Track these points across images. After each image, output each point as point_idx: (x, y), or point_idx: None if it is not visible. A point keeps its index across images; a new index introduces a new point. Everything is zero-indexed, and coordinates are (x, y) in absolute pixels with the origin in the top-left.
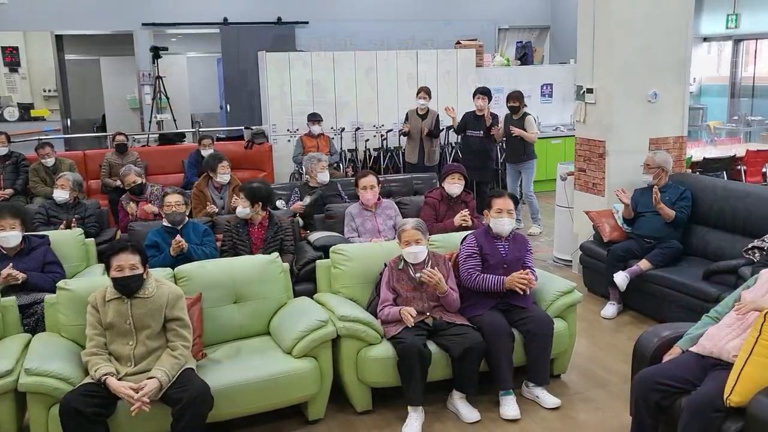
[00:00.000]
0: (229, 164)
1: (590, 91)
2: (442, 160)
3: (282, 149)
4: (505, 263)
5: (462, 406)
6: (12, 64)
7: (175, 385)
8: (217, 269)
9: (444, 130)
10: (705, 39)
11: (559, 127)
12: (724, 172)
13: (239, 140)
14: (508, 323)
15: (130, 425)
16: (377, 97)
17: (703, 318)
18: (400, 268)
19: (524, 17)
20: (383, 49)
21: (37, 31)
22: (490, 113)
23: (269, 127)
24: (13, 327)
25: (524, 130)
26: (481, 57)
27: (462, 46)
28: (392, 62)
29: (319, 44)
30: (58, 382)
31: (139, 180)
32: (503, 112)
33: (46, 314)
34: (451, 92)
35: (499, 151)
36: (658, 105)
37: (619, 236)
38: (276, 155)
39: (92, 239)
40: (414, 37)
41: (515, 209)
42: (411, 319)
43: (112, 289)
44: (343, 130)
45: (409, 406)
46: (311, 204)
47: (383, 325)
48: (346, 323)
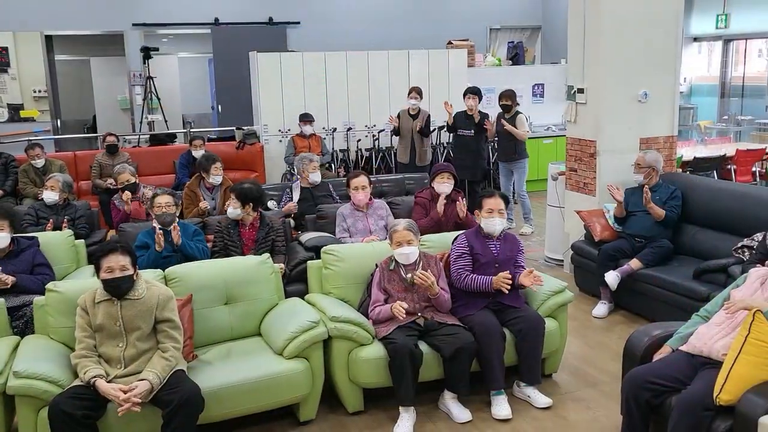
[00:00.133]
0: (222, 166)
1: (581, 90)
2: (434, 159)
3: (273, 149)
4: (496, 263)
5: (453, 406)
6: (1, 65)
7: (165, 387)
8: (207, 270)
9: (436, 129)
10: (695, 39)
11: (551, 127)
12: (714, 172)
13: (231, 141)
14: (499, 323)
15: (119, 428)
16: (369, 98)
17: (693, 317)
18: (392, 269)
19: (516, 17)
20: (375, 49)
21: (26, 31)
22: (479, 111)
23: (261, 127)
24: (2, 329)
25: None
26: (473, 57)
27: (453, 47)
28: (384, 62)
29: (311, 44)
30: (47, 384)
31: (132, 179)
32: (495, 112)
33: (35, 316)
34: (442, 92)
35: (491, 150)
36: (649, 105)
37: (610, 236)
38: (267, 155)
39: (82, 240)
40: (406, 38)
41: (506, 209)
42: (402, 312)
43: (102, 291)
44: (335, 130)
45: (400, 407)
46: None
47: (374, 326)
48: (337, 324)
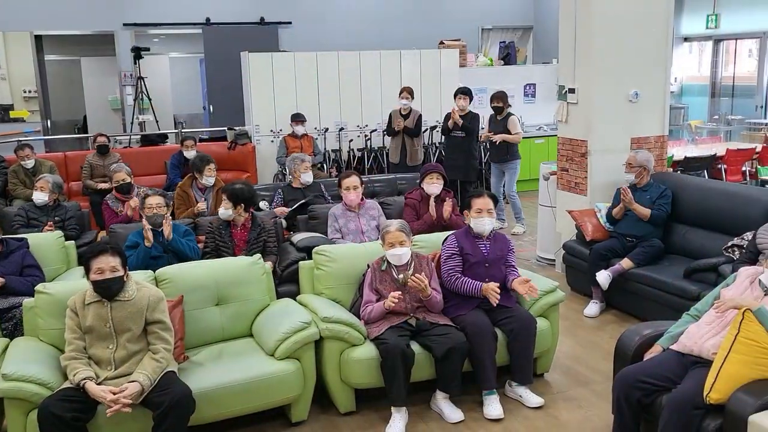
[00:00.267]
0: (215, 167)
1: (572, 90)
2: (426, 159)
3: (265, 150)
4: (486, 262)
5: (445, 406)
6: None
7: (156, 389)
8: (199, 271)
9: (428, 129)
10: (686, 39)
11: (543, 127)
12: (705, 171)
13: (222, 141)
14: (491, 323)
15: (110, 430)
16: (361, 98)
17: (683, 316)
18: (383, 270)
19: (507, 17)
20: (367, 49)
21: (16, 31)
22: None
23: (252, 127)
24: None
25: (508, 131)
26: (465, 57)
27: (445, 46)
28: (376, 62)
29: (303, 44)
30: (36, 387)
31: (128, 179)
32: (487, 113)
33: (24, 318)
34: (434, 92)
35: (482, 150)
36: (640, 104)
37: (602, 235)
38: (259, 156)
39: (72, 242)
40: (397, 38)
41: (495, 208)
42: (395, 299)
43: (92, 292)
44: (327, 130)
45: (392, 407)
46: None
47: (366, 326)
48: (329, 324)
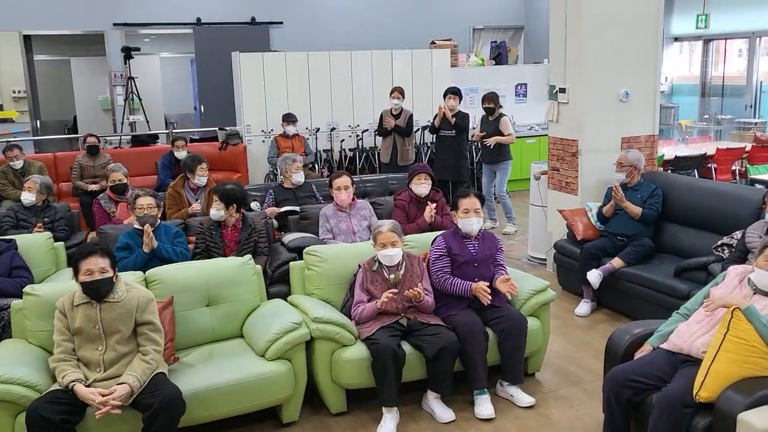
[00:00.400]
0: (207, 167)
1: (563, 90)
2: (417, 159)
3: (256, 150)
4: (475, 262)
5: (437, 406)
6: None
7: (145, 391)
8: (189, 272)
9: (419, 129)
10: (676, 39)
11: (534, 127)
12: (695, 171)
13: (213, 141)
14: (482, 322)
15: None
16: (352, 98)
17: (673, 315)
18: (375, 270)
19: (499, 17)
20: (358, 49)
21: (4, 31)
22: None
23: (243, 127)
24: None
25: (500, 132)
26: (456, 57)
27: (437, 46)
28: (367, 62)
29: (294, 44)
30: (24, 389)
31: (124, 180)
32: (478, 113)
33: (12, 320)
34: (425, 92)
35: (474, 150)
36: (630, 104)
37: (593, 234)
38: (250, 156)
39: (62, 243)
40: (389, 38)
41: (483, 207)
42: (390, 296)
43: (81, 294)
44: (318, 130)
45: (383, 407)
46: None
47: (357, 327)
48: (319, 325)
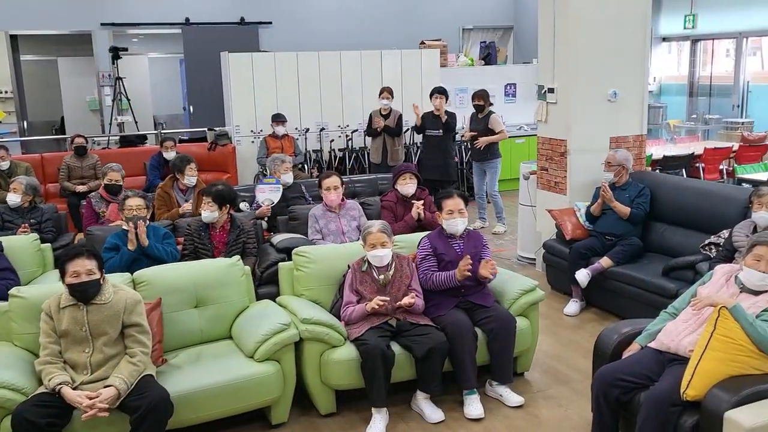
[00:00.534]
0: (196, 167)
1: (551, 90)
2: (407, 159)
3: (246, 150)
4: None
5: (426, 406)
6: None
7: (133, 393)
8: (177, 273)
9: (408, 129)
10: (664, 39)
11: (523, 127)
12: (683, 170)
13: (202, 142)
14: (471, 322)
15: None
16: (342, 98)
17: (661, 314)
18: (364, 270)
19: (488, 17)
20: (347, 49)
21: None
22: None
23: (233, 128)
24: None
25: (490, 129)
26: (446, 57)
27: (426, 46)
28: (356, 62)
29: (283, 44)
30: (10, 392)
31: (120, 181)
32: (468, 112)
33: None
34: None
35: (464, 149)
36: (619, 104)
37: (581, 234)
38: (239, 156)
39: (49, 244)
40: (378, 38)
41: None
42: (381, 303)
43: (68, 296)
44: (308, 130)
45: (373, 408)
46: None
47: (346, 327)
48: (308, 326)
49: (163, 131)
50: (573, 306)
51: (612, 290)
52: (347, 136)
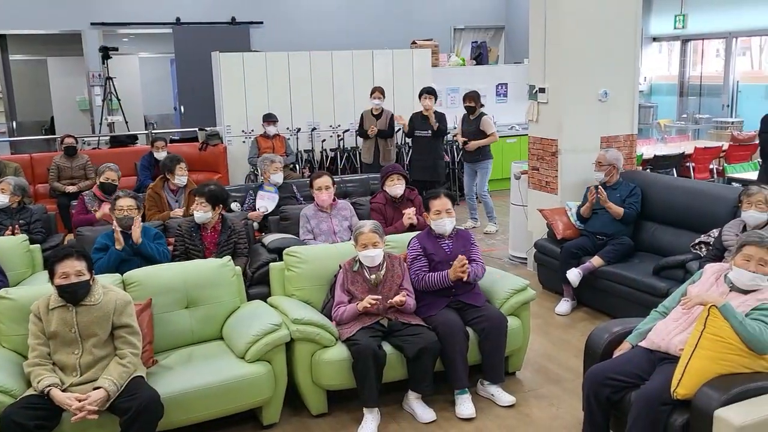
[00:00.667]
0: (186, 166)
1: (542, 90)
2: (399, 159)
3: (237, 150)
4: (450, 260)
5: (417, 406)
6: None
7: (123, 394)
8: (167, 274)
9: (400, 129)
10: (655, 39)
11: (514, 127)
12: (673, 169)
13: (193, 142)
14: (462, 322)
15: None
16: (333, 98)
17: (651, 313)
18: (355, 270)
19: (479, 17)
20: (339, 49)
21: None
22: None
23: (224, 128)
24: None
25: (481, 131)
26: (437, 57)
27: (418, 46)
28: (348, 62)
29: (274, 44)
30: None
31: (116, 181)
32: (460, 113)
33: None
34: (406, 92)
35: (455, 149)
36: (609, 104)
37: (572, 233)
38: (231, 157)
39: (38, 245)
40: (370, 38)
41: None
42: (372, 302)
43: (57, 297)
44: (299, 130)
45: (364, 408)
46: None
47: (338, 327)
48: (299, 326)
49: (153, 131)
50: (564, 305)
51: (603, 289)
52: (339, 136)
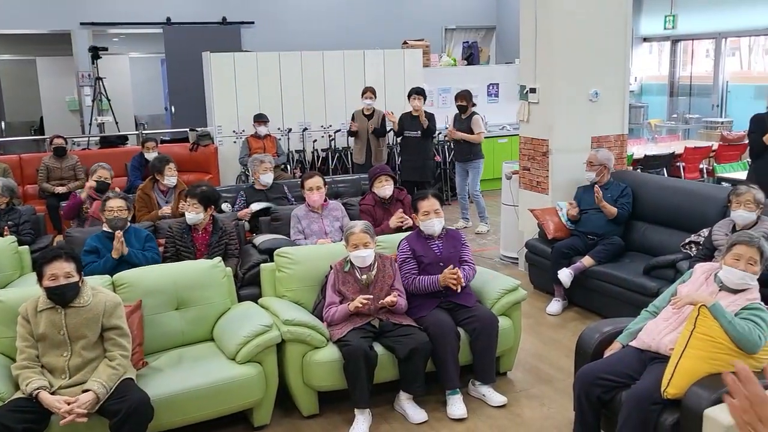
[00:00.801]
0: (175, 167)
1: (533, 90)
2: (389, 160)
3: (228, 151)
4: (440, 261)
5: (409, 406)
6: None
7: (112, 396)
8: (158, 275)
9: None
10: (645, 39)
11: (506, 127)
12: (664, 169)
13: (184, 142)
14: (453, 322)
15: None
16: (324, 98)
17: (642, 312)
18: (346, 271)
19: (471, 17)
20: (330, 49)
21: None
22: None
23: (215, 128)
24: None
25: (471, 130)
26: (428, 57)
27: (409, 47)
28: (339, 62)
29: (265, 44)
30: None
31: (109, 179)
32: (451, 112)
33: None
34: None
35: (447, 149)
36: (600, 104)
37: (563, 234)
38: (222, 157)
39: (26, 247)
40: (361, 38)
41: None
42: (364, 302)
43: (45, 299)
44: (290, 130)
45: (355, 409)
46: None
47: (329, 328)
48: (290, 327)
49: (144, 132)
50: (555, 305)
51: (594, 289)
52: (330, 136)
